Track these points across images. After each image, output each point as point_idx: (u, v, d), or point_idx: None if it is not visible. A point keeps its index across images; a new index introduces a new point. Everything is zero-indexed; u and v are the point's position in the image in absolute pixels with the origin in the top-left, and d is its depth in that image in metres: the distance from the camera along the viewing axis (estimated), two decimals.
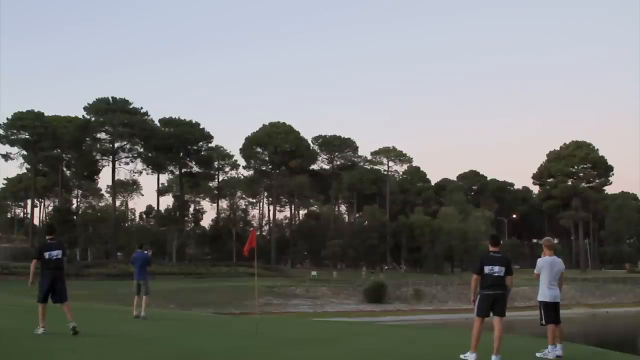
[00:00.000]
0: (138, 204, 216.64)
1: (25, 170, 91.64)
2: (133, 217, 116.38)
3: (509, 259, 9.11)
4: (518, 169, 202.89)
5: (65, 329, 10.84)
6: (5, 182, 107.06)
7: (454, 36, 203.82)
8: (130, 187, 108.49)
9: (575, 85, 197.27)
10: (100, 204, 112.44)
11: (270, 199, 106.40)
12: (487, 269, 8.82)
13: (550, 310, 9.70)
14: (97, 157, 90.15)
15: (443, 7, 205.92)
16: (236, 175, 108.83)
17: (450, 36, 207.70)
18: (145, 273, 15.20)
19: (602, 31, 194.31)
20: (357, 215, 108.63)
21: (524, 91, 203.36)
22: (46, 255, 10.46)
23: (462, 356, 9.13)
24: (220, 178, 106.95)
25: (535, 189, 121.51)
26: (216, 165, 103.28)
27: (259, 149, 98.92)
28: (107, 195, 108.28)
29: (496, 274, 8.81)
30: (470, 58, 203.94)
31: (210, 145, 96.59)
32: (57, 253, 10.46)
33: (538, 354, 9.85)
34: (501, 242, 9.38)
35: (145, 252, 15.59)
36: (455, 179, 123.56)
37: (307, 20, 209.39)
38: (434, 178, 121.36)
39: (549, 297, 9.80)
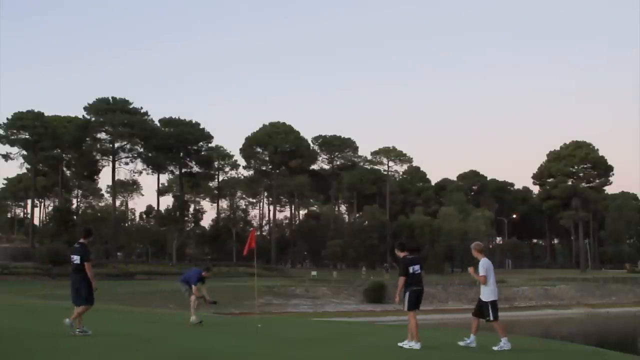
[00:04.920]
0: (138, 204, 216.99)
1: (25, 170, 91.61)
2: (133, 217, 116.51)
3: (420, 258, 10.67)
4: (518, 169, 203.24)
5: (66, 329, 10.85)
6: (5, 182, 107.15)
7: (454, 36, 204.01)
8: (130, 187, 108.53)
9: (575, 85, 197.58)
10: (100, 204, 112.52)
11: (270, 199, 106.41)
12: (411, 269, 10.24)
13: (498, 308, 10.57)
14: (97, 157, 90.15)
15: (442, 7, 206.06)
16: (236, 175, 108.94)
17: (450, 36, 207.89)
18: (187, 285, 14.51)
19: (603, 31, 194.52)
20: (357, 215, 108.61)
21: (524, 91, 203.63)
22: (70, 257, 10.91)
23: (407, 346, 10.09)
24: (220, 178, 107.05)
25: (535, 189, 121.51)
26: (216, 165, 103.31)
27: (259, 149, 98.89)
28: (107, 195, 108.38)
29: (417, 272, 10.30)
30: (470, 58, 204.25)
31: (210, 145, 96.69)
32: (75, 257, 10.77)
33: (495, 348, 10.46)
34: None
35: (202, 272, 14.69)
36: (455, 179, 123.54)
37: (307, 21, 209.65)
38: (434, 178, 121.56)
39: (498, 295, 10.71)
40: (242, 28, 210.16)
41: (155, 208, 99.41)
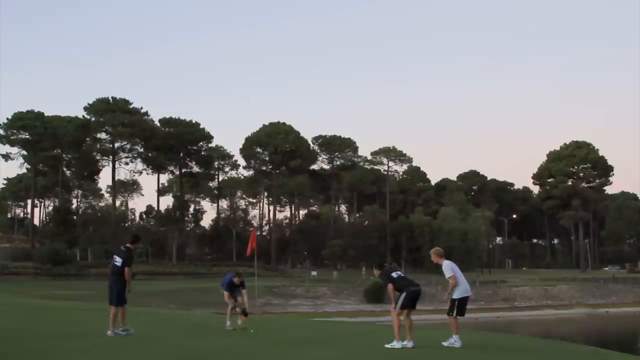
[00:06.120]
0: (138, 204, 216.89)
1: (25, 170, 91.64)
2: (133, 217, 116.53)
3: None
4: (518, 169, 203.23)
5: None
6: (5, 182, 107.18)
7: (454, 36, 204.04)
8: (130, 187, 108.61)
9: (575, 85, 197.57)
10: (100, 204, 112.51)
11: (270, 199, 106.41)
12: (395, 275, 10.33)
13: (465, 305, 10.51)
14: (97, 157, 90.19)
15: (442, 8, 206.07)
16: (236, 175, 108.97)
17: (451, 36, 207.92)
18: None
19: (603, 31, 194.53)
20: (357, 215, 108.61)
21: (524, 91, 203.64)
22: (113, 258, 11.18)
23: (397, 345, 10.10)
24: (220, 178, 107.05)
25: (535, 189, 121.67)
26: (216, 165, 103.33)
27: (259, 149, 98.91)
28: (107, 195, 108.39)
29: (404, 275, 10.57)
30: (471, 58, 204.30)
31: (210, 145, 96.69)
32: (118, 260, 10.96)
33: (444, 343, 10.52)
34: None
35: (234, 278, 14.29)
36: (455, 179, 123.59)
37: (307, 21, 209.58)
38: (434, 178, 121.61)
39: (469, 291, 10.64)
40: (242, 28, 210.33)
41: (155, 208, 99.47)
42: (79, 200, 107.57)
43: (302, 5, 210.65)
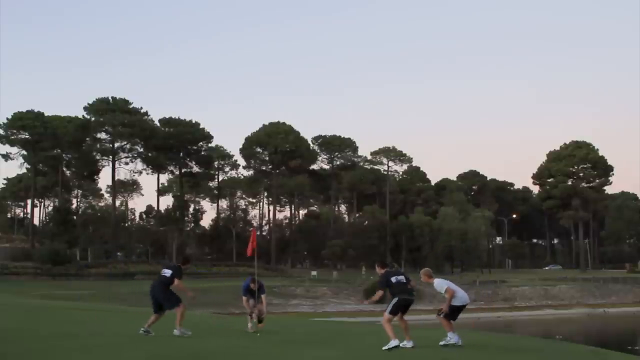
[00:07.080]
0: (138, 204, 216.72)
1: (25, 170, 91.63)
2: (133, 217, 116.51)
3: (401, 272, 10.85)
4: (518, 169, 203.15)
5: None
6: (5, 182, 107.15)
7: (454, 36, 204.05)
8: (130, 187, 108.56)
9: (575, 85, 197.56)
10: (100, 204, 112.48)
11: (270, 199, 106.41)
12: (394, 279, 10.30)
13: (459, 312, 10.60)
14: (97, 157, 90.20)
15: (443, 7, 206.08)
16: (236, 175, 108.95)
17: (451, 36, 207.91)
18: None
19: (603, 31, 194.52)
20: (357, 215, 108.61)
21: (524, 91, 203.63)
22: (162, 271, 11.75)
23: (401, 345, 10.16)
24: (220, 178, 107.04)
25: (535, 189, 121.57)
26: (216, 165, 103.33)
27: (259, 149, 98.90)
28: (107, 195, 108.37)
29: (403, 281, 10.33)
30: (470, 58, 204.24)
31: (210, 145, 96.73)
32: (167, 272, 11.50)
33: (442, 343, 10.64)
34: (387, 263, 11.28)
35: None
36: (455, 179, 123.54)
37: (307, 21, 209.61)
38: (434, 178, 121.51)
39: (467, 300, 10.64)
40: (243, 29, 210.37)
41: (155, 208, 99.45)
42: (79, 200, 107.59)
43: (302, 6, 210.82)
